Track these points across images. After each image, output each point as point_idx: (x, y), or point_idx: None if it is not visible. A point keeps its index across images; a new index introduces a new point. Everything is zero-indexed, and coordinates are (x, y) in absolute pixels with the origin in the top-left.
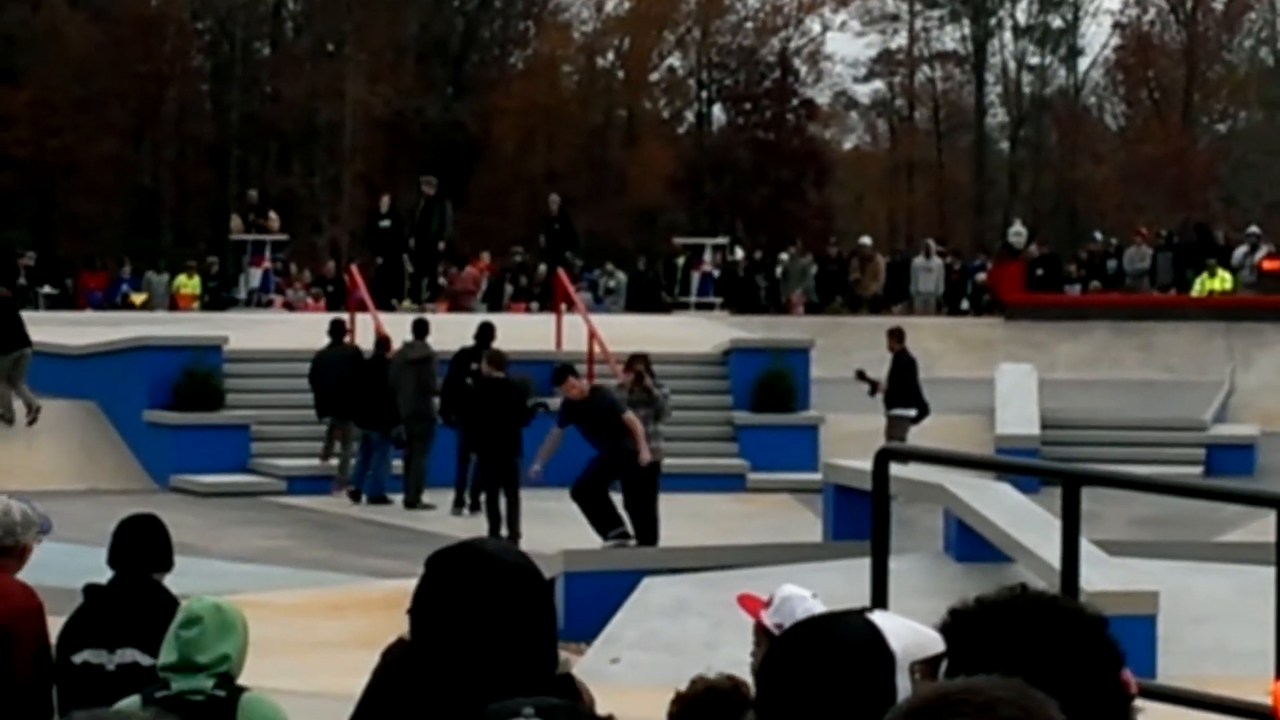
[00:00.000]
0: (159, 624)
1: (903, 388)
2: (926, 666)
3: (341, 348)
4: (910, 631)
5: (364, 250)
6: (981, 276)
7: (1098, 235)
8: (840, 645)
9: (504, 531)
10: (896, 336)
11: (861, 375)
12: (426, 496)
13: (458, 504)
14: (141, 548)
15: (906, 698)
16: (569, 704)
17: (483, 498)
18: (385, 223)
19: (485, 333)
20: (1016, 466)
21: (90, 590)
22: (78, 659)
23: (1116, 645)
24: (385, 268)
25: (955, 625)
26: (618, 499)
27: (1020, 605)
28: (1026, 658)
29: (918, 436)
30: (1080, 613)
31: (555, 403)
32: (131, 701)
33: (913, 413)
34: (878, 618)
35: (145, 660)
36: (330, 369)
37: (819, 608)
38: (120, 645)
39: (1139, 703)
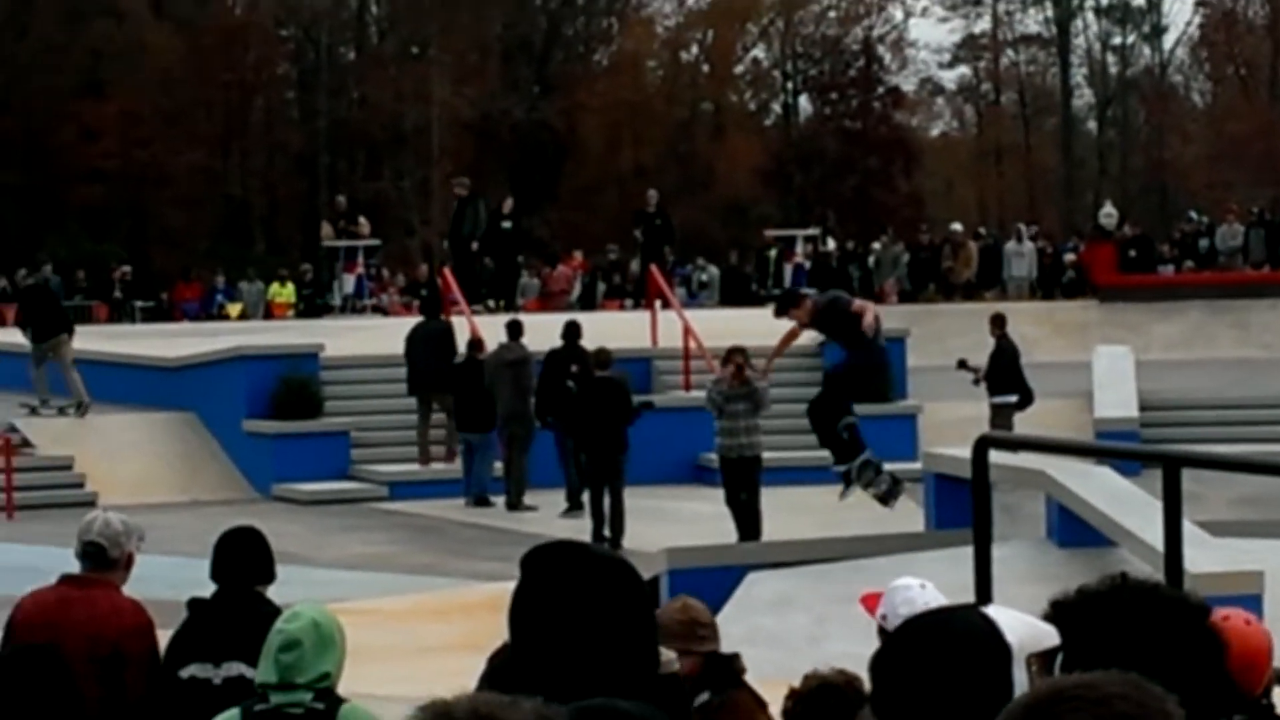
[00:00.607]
0: (263, 637)
1: (1004, 374)
2: (1042, 660)
3: (434, 323)
4: (1025, 625)
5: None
6: (1070, 256)
7: (1193, 214)
8: (956, 639)
9: (606, 531)
10: (998, 323)
11: (963, 364)
12: (528, 498)
13: (571, 506)
14: (243, 561)
15: (1022, 693)
16: (605, 706)
17: (586, 496)
18: (507, 224)
19: (572, 332)
20: (1116, 451)
21: (195, 604)
22: (185, 673)
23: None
24: (502, 269)
25: (1056, 617)
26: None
27: (1122, 595)
28: (1129, 648)
29: (1019, 422)
30: (1183, 601)
31: (660, 399)
32: (230, 715)
33: (1014, 399)
34: (992, 611)
35: (251, 673)
36: (421, 344)
37: (926, 597)
38: (226, 659)
39: None
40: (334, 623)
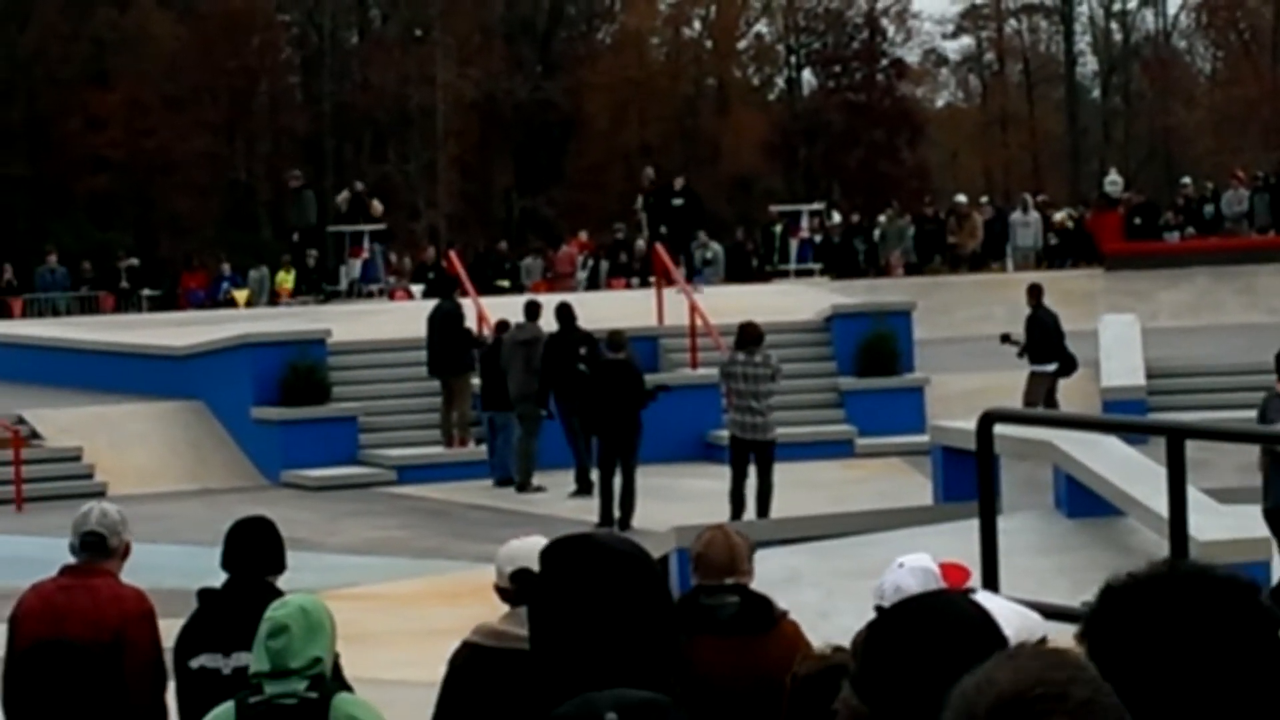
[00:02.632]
0: None
1: (1042, 343)
2: None
3: (448, 303)
4: (1018, 616)
5: (649, 225)
6: (1059, 216)
7: (1186, 180)
8: (952, 626)
9: (616, 511)
10: (1034, 293)
11: (1006, 338)
12: (536, 478)
13: (580, 487)
14: (254, 551)
15: (974, 686)
16: (656, 700)
17: (595, 476)
18: (678, 201)
19: (565, 315)
20: (1119, 425)
21: (205, 595)
22: (194, 664)
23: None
24: (674, 242)
25: (1105, 611)
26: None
27: (1173, 579)
28: (1184, 634)
29: (1018, 390)
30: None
31: (668, 377)
32: (225, 708)
33: (1052, 368)
34: (983, 598)
35: None
36: (435, 325)
37: (899, 577)
38: (235, 649)
39: None
40: (322, 608)
